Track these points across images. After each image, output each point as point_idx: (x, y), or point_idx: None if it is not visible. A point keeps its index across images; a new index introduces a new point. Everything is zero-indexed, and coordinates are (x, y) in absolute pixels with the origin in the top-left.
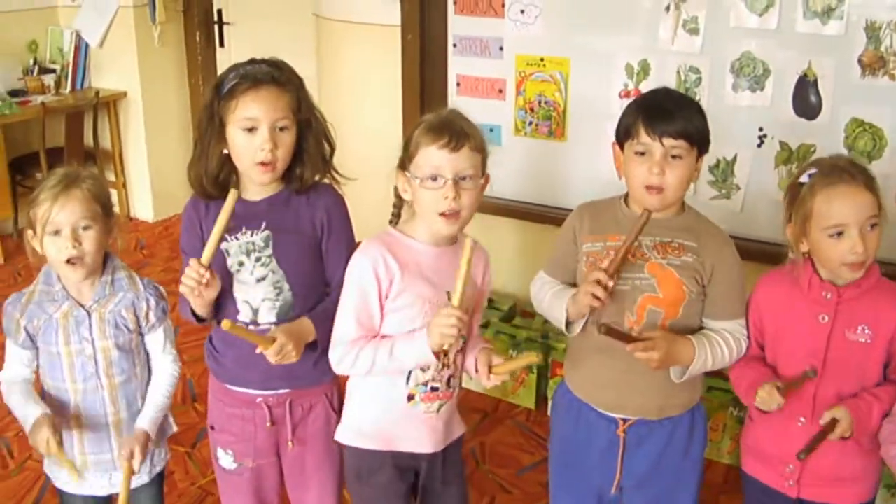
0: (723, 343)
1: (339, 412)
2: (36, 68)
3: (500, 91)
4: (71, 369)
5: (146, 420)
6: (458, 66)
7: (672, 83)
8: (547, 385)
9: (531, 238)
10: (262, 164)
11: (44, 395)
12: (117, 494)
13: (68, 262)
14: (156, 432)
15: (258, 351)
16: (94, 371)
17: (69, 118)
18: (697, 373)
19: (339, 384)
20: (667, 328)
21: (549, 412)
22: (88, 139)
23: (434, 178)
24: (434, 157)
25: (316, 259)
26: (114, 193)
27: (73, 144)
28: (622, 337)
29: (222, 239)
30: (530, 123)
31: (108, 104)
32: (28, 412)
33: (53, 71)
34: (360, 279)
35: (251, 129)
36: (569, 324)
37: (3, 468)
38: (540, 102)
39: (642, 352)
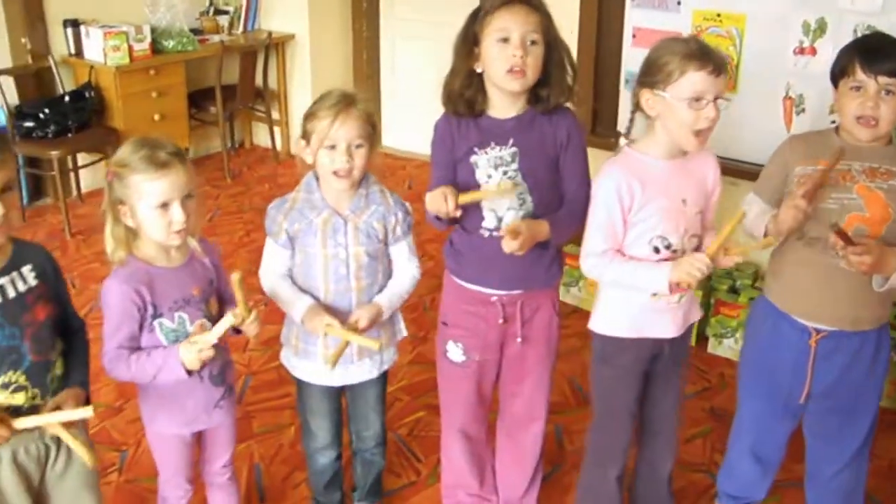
0: None
1: (559, 313)
2: (212, 9)
3: None
4: (325, 270)
5: (383, 297)
6: (635, 17)
7: None
8: (707, 323)
9: None
10: (513, 70)
11: None
12: (349, 385)
13: (335, 173)
14: (388, 317)
15: (502, 231)
16: (346, 274)
17: (243, 57)
18: None
19: (558, 290)
20: None
21: (715, 345)
22: (258, 78)
23: (697, 100)
24: (700, 81)
25: (555, 174)
26: (276, 132)
27: (246, 82)
28: (846, 238)
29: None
30: None
31: (277, 46)
32: (297, 301)
33: (227, 13)
34: (605, 200)
35: (505, 40)
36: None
37: None
38: None
39: (858, 255)
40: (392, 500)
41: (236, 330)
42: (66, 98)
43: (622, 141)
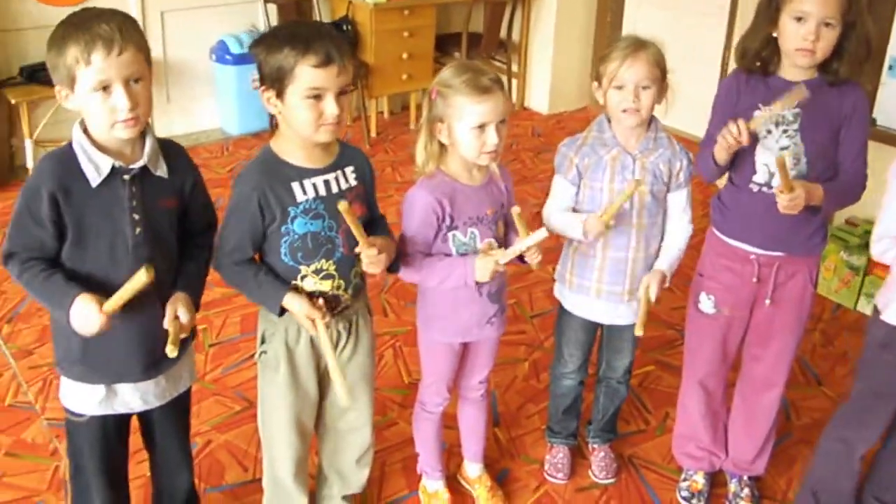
0: None
1: (815, 285)
2: None
3: None
4: (611, 205)
5: (664, 263)
6: None
7: None
8: None
9: None
10: (801, 49)
11: None
12: (614, 325)
13: (624, 111)
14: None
15: (777, 189)
16: (629, 209)
17: (491, 7)
18: None
19: (818, 262)
20: None
21: None
22: (503, 30)
23: None
24: None
25: (833, 144)
26: (513, 83)
27: (492, 32)
28: None
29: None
30: None
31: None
32: (573, 219)
33: None
34: None
35: (800, 19)
36: None
37: None
38: None
39: None
40: (621, 444)
41: (521, 258)
42: None
43: None
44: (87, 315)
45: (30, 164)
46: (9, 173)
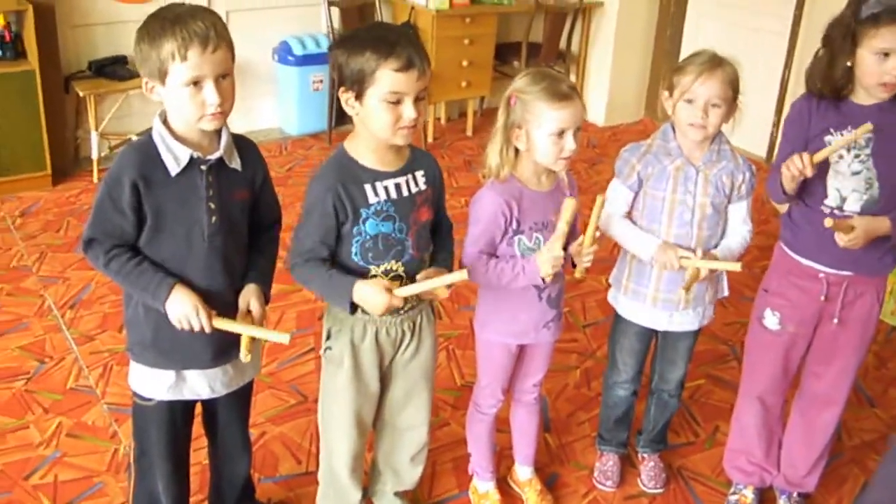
0: None
1: (881, 304)
2: None
3: None
4: (670, 215)
5: (719, 252)
6: None
7: None
8: None
9: None
10: (885, 85)
11: None
12: (665, 331)
13: (690, 125)
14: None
15: (828, 224)
16: (690, 220)
17: (552, 17)
18: None
19: (885, 282)
20: None
21: None
22: (562, 41)
23: None
24: None
25: None
26: None
27: (552, 42)
28: None
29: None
30: None
31: (586, 11)
32: (648, 239)
33: None
34: None
35: (886, 55)
36: None
37: None
38: None
39: None
40: (671, 455)
41: (572, 263)
42: None
43: None
44: (189, 314)
45: (94, 156)
46: (74, 164)
